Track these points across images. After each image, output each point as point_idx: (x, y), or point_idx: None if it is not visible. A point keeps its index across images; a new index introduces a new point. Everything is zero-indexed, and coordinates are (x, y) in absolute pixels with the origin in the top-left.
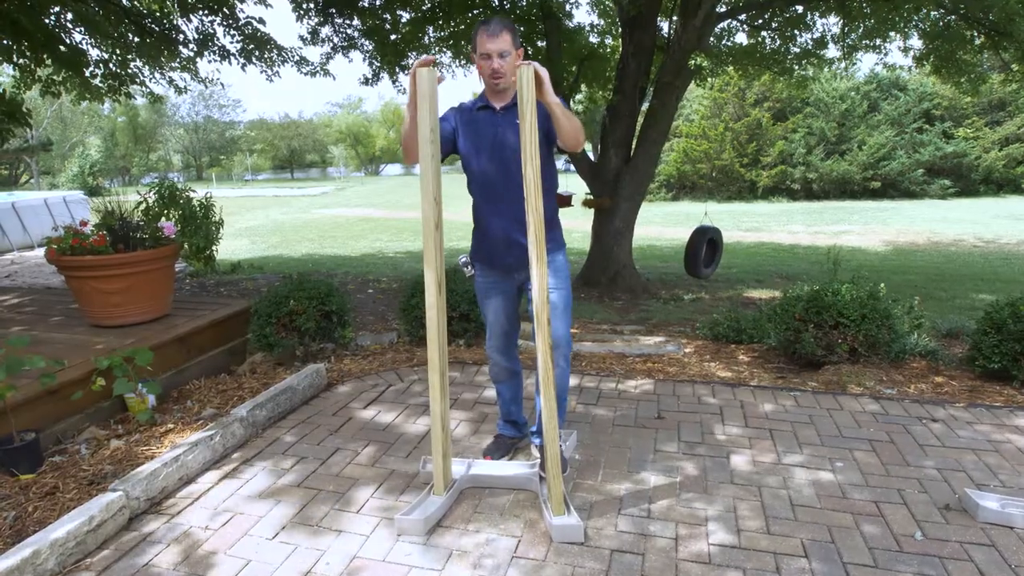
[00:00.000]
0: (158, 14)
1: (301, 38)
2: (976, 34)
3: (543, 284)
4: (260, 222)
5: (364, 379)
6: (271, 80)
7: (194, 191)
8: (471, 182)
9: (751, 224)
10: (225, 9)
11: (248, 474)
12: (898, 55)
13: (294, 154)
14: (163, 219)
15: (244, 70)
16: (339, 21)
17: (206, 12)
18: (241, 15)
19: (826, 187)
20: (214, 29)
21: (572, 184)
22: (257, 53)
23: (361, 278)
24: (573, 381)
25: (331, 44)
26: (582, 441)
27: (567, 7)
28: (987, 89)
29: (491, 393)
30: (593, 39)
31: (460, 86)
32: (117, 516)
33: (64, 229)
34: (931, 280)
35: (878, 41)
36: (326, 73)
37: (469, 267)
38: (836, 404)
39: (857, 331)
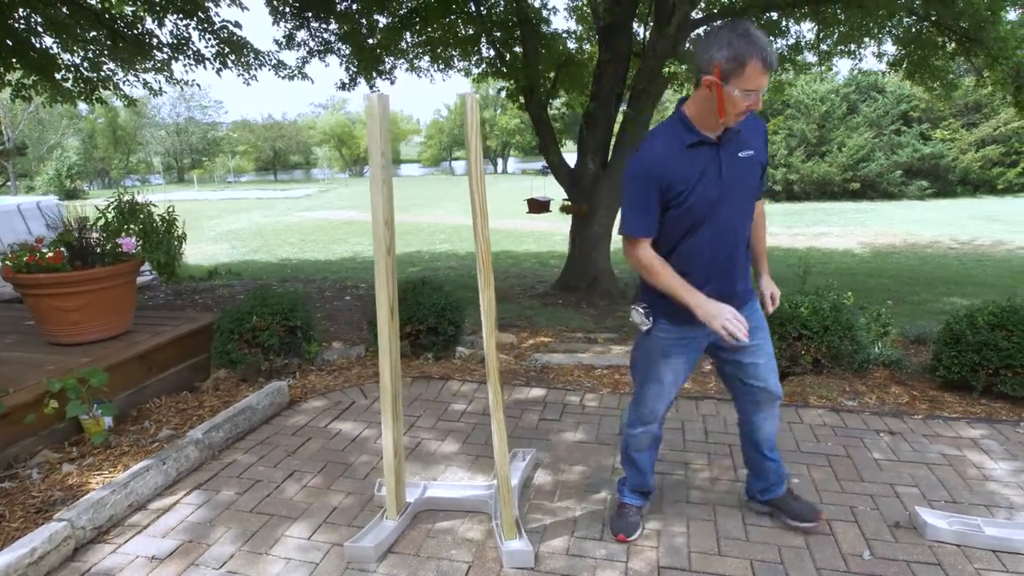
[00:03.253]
0: (130, 18)
1: (276, 42)
2: (948, 40)
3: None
4: (241, 225)
5: (328, 396)
6: (248, 84)
7: (155, 205)
8: (676, 226)
9: None
10: (200, 13)
11: (200, 499)
12: (873, 60)
13: (278, 156)
14: (123, 234)
15: (219, 75)
16: (315, 25)
17: (180, 16)
18: (216, 19)
19: (807, 188)
20: (189, 33)
21: (550, 190)
22: (233, 57)
23: (340, 284)
24: (537, 394)
25: (307, 48)
26: (541, 460)
27: (544, 13)
28: (963, 92)
29: (457, 407)
30: (571, 45)
31: (438, 91)
32: (61, 547)
33: (19, 246)
34: (905, 283)
35: (853, 47)
36: (304, 77)
37: (648, 319)
38: (797, 417)
39: (820, 343)
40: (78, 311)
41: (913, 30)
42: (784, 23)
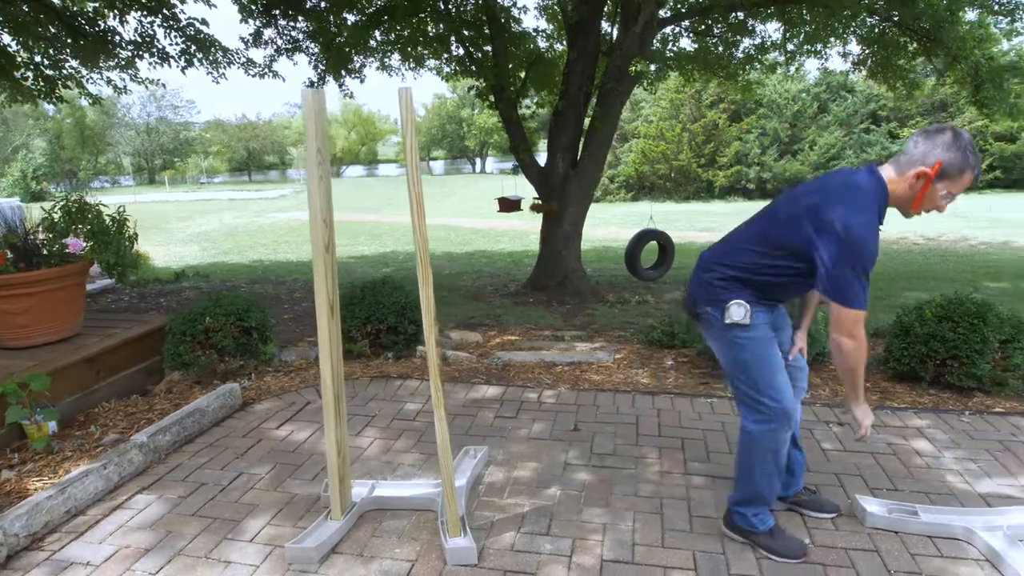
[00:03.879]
0: (91, 15)
1: (243, 40)
2: (909, 40)
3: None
4: (213, 227)
5: (283, 397)
6: (217, 82)
7: (105, 205)
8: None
9: (706, 224)
10: (164, 10)
11: (142, 503)
12: (839, 60)
13: (252, 156)
14: (71, 235)
15: (184, 72)
16: (283, 23)
17: (144, 13)
18: (183, 16)
19: (780, 186)
20: (153, 31)
21: (521, 188)
22: (200, 55)
23: (310, 285)
24: (495, 391)
25: (275, 46)
26: (494, 457)
27: (513, 11)
28: (929, 91)
29: (413, 406)
30: (542, 44)
31: (415, 90)
32: None
33: None
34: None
35: (819, 47)
36: (274, 75)
37: (747, 314)
38: None
39: None
40: (24, 314)
41: (876, 30)
42: (750, 23)
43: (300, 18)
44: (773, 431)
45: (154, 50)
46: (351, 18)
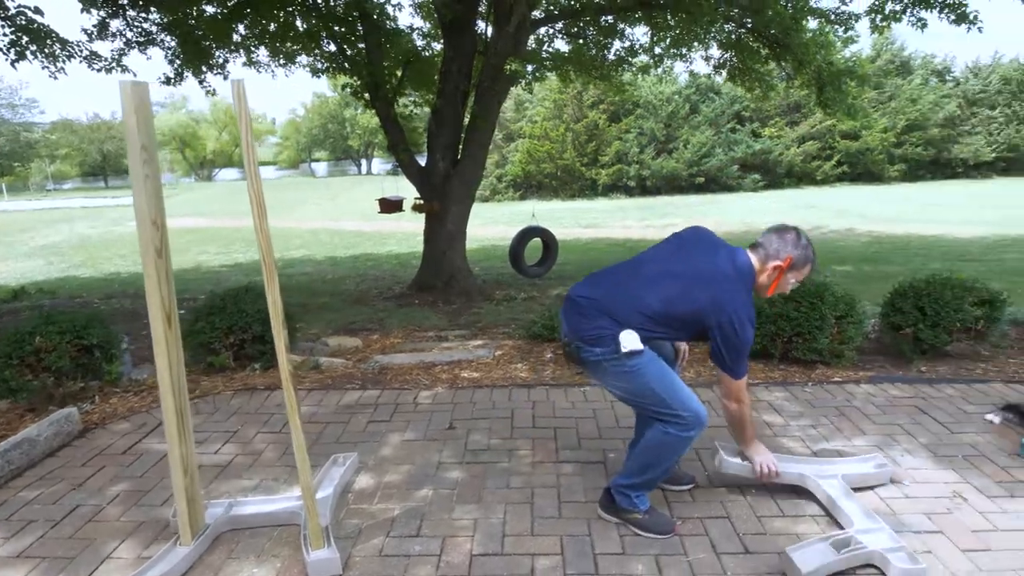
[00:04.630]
0: None
1: (86, 32)
2: (762, 46)
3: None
4: (62, 238)
5: (131, 419)
6: (55, 77)
7: None
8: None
9: (590, 220)
10: None
11: None
12: (702, 64)
13: (107, 159)
14: None
15: (15, 67)
16: (132, 14)
17: None
18: (11, 3)
19: (658, 183)
20: None
21: (403, 189)
22: (34, 47)
23: (176, 296)
24: (370, 396)
25: (124, 39)
26: (365, 463)
27: (387, 8)
28: (784, 93)
29: (281, 418)
30: (418, 42)
31: (281, 85)
32: None
33: None
34: None
35: (684, 50)
36: (124, 70)
37: (638, 339)
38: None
39: None
40: None
41: (733, 36)
42: (620, 26)
43: (152, 9)
44: (691, 437)
45: None
46: (210, 10)
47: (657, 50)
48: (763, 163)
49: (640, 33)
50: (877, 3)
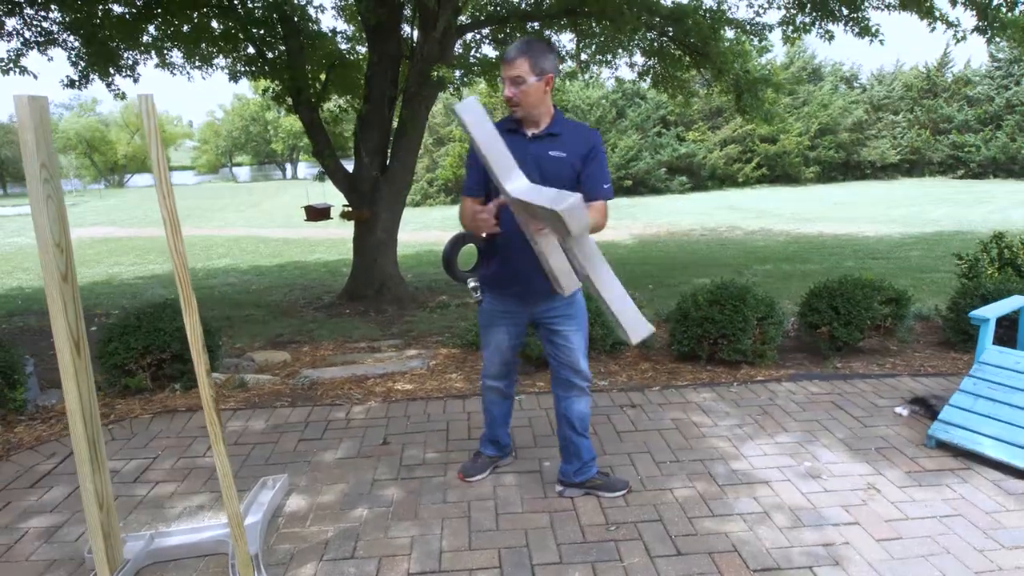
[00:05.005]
0: None
1: None
2: (684, 54)
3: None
4: None
5: (39, 449)
6: None
7: None
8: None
9: None
10: None
11: None
12: (627, 70)
13: (5, 165)
14: None
15: None
16: (30, 12)
17: None
18: None
19: None
20: None
21: (330, 195)
22: None
23: (86, 312)
24: (300, 414)
25: (22, 39)
26: (296, 484)
27: (309, 10)
28: (707, 99)
29: (199, 446)
30: (342, 45)
31: (197, 87)
32: None
33: None
34: (665, 269)
35: (609, 57)
36: (23, 71)
37: (478, 292)
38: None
39: None
40: None
41: (655, 44)
42: (546, 33)
43: (52, 7)
44: (483, 387)
45: None
46: (118, 9)
47: (583, 56)
48: (688, 166)
49: (566, 40)
50: (788, 16)
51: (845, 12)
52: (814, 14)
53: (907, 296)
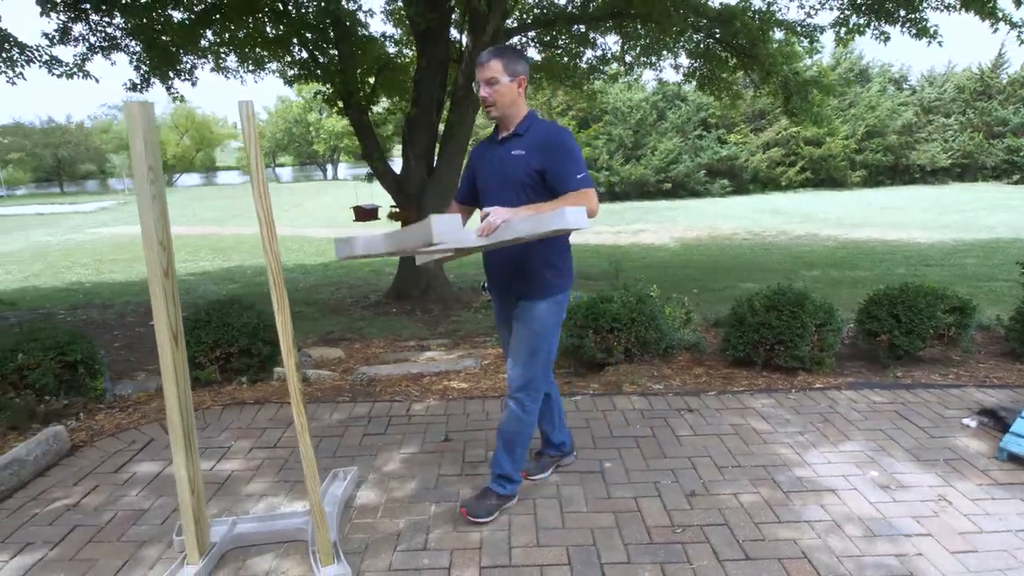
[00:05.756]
0: None
1: (47, 36)
2: (730, 56)
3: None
4: (17, 246)
5: (120, 436)
6: (13, 83)
7: None
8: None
9: None
10: None
11: None
12: (672, 72)
13: (62, 164)
14: None
15: None
16: (95, 18)
17: None
18: None
19: (627, 189)
20: None
21: (377, 196)
22: None
23: (145, 308)
24: (362, 409)
25: (87, 44)
26: (365, 477)
27: (359, 15)
28: (750, 101)
29: (274, 433)
30: (391, 49)
31: (254, 92)
32: None
33: None
34: (708, 273)
35: (653, 59)
36: (86, 75)
37: (486, 292)
38: (611, 405)
39: (629, 333)
40: None
41: (701, 46)
42: (592, 36)
43: (116, 13)
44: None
45: None
46: (177, 15)
47: (627, 58)
48: (729, 169)
49: (611, 42)
50: (842, 16)
51: (903, 13)
52: (869, 15)
53: (972, 305)
